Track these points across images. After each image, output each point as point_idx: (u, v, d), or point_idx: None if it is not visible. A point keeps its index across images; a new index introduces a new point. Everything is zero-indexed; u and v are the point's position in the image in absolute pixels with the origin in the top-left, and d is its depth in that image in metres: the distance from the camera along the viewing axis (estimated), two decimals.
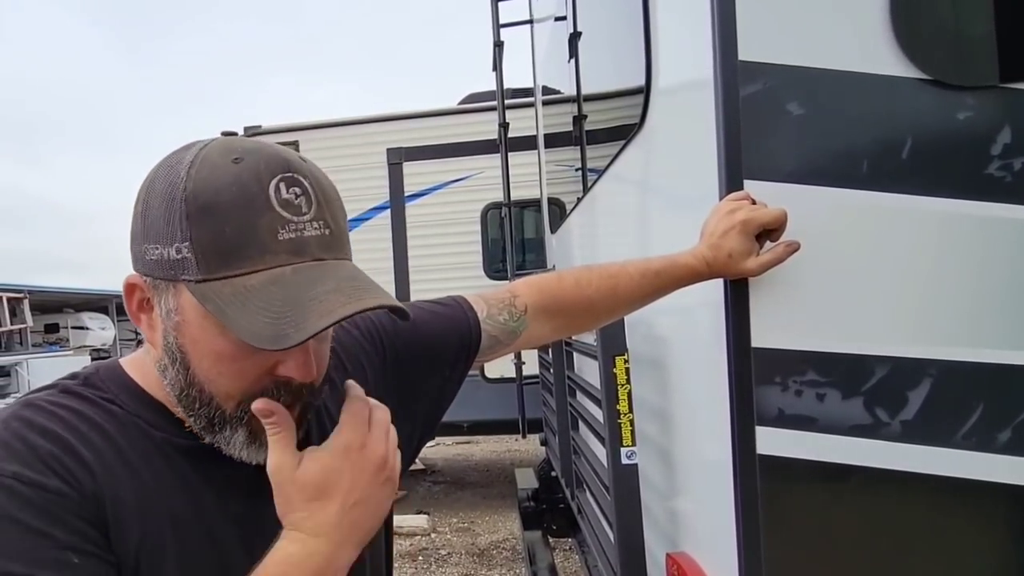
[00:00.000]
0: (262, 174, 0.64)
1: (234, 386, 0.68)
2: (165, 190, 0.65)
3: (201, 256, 0.63)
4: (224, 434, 0.70)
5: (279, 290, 0.63)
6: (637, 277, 1.06)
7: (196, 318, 0.66)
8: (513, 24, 4.26)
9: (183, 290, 0.65)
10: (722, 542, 1.09)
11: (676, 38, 1.32)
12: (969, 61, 0.98)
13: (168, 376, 0.70)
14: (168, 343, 0.68)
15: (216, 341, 0.66)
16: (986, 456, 0.98)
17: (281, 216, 0.64)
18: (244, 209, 0.63)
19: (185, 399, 0.69)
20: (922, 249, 0.99)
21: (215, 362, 0.67)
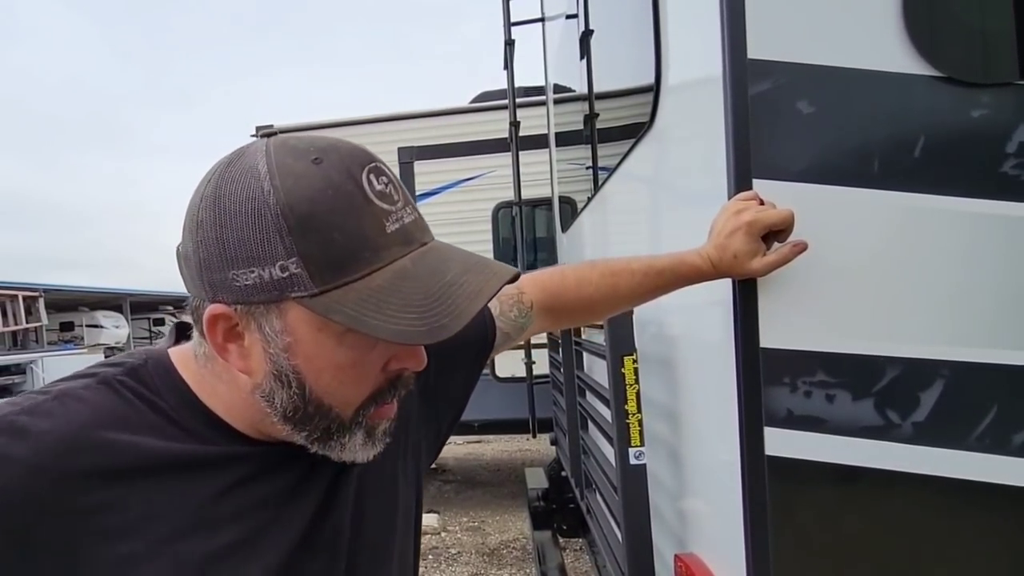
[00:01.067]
0: (351, 169, 0.62)
1: (355, 392, 0.67)
2: (246, 208, 0.60)
3: (314, 268, 0.59)
4: (341, 440, 0.68)
5: (411, 284, 0.61)
6: (639, 275, 1.05)
7: (310, 333, 0.63)
8: (524, 22, 4.26)
9: (290, 308, 0.62)
10: (731, 543, 1.09)
11: (686, 36, 1.31)
12: (984, 58, 0.96)
13: (278, 400, 0.66)
14: (279, 367, 0.65)
15: (335, 353, 0.64)
16: (1000, 458, 0.96)
17: (382, 209, 0.62)
18: (347, 212, 0.60)
19: (300, 417, 0.67)
20: (935, 249, 0.98)
21: (336, 373, 0.65)
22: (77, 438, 0.64)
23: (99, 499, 0.64)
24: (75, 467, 0.63)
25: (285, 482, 0.72)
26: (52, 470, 0.63)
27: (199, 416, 0.70)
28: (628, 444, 1.56)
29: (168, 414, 0.69)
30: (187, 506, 0.67)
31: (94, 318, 25.05)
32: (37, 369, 15.22)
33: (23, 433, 0.63)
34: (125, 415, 0.67)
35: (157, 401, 0.69)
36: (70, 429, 0.64)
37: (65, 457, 0.63)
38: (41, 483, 0.62)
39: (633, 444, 1.55)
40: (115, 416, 0.66)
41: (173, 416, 0.69)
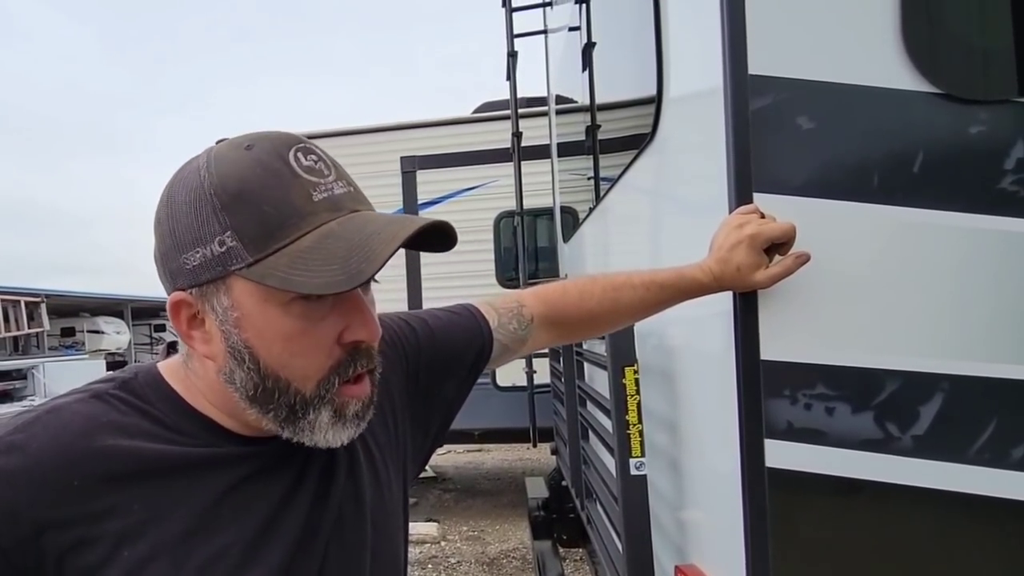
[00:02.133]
0: (279, 150, 0.66)
1: (309, 364, 0.69)
2: (188, 198, 0.66)
3: (247, 239, 0.64)
4: (308, 419, 0.69)
5: (334, 241, 0.64)
6: (641, 290, 1.06)
7: (255, 305, 0.66)
8: (527, 34, 4.28)
9: (235, 283, 0.66)
10: (731, 555, 1.09)
11: (688, 51, 1.32)
12: (982, 75, 0.98)
13: (238, 379, 0.68)
14: (232, 344, 0.67)
15: (281, 322, 0.66)
16: (999, 472, 0.97)
17: (309, 180, 0.66)
18: (274, 185, 0.65)
19: (261, 395, 0.68)
20: (934, 263, 0.99)
21: (286, 343, 0.67)
22: (75, 447, 0.65)
23: (100, 506, 0.65)
24: (75, 476, 0.64)
25: (281, 483, 0.74)
26: (52, 481, 0.64)
27: (192, 420, 0.72)
28: (629, 454, 1.56)
29: (162, 421, 0.70)
30: (188, 509, 0.68)
31: (95, 324, 25.05)
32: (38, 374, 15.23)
33: (20, 449, 0.64)
34: (120, 423, 0.68)
35: (150, 409, 0.71)
36: (67, 439, 0.65)
37: (64, 467, 0.64)
38: (43, 494, 0.63)
39: (634, 454, 1.56)
40: (110, 425, 0.68)
41: (167, 422, 0.71)
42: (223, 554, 0.68)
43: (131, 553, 0.64)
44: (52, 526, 0.63)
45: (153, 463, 0.67)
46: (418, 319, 0.99)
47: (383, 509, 0.83)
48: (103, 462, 0.66)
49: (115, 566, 0.64)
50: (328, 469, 0.78)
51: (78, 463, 0.65)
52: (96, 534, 0.64)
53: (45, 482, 0.63)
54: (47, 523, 0.63)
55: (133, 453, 0.67)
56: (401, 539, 0.89)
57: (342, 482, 0.78)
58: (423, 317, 1.00)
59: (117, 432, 0.67)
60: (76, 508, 0.64)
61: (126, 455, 0.67)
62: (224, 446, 0.72)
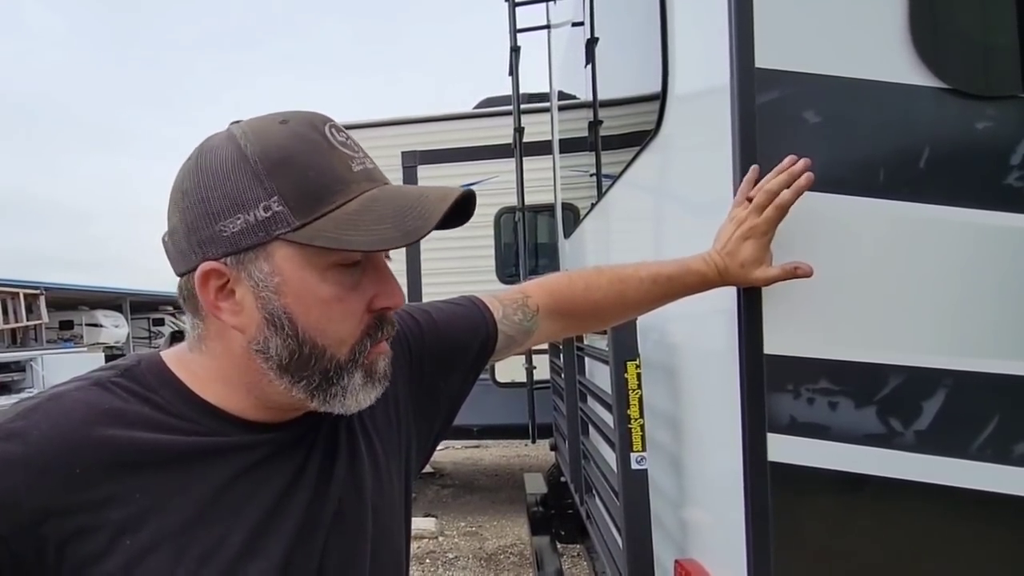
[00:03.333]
0: (314, 124, 0.68)
1: (345, 329, 0.70)
2: (224, 166, 0.66)
3: (293, 203, 0.65)
4: (341, 384, 0.71)
5: (382, 205, 0.67)
6: (647, 282, 1.06)
7: (296, 271, 0.67)
8: (530, 29, 4.27)
9: (277, 249, 0.66)
10: (732, 549, 1.09)
11: (693, 45, 1.32)
12: (989, 70, 0.98)
13: (273, 348, 0.68)
14: (271, 310, 0.68)
15: (319, 288, 0.68)
16: (1001, 468, 0.97)
17: (347, 153, 0.68)
18: (315, 154, 0.66)
19: (297, 363, 0.69)
20: (939, 259, 0.99)
21: (324, 309, 0.68)
22: (76, 435, 0.65)
23: (102, 494, 0.65)
24: (76, 464, 0.64)
25: (282, 474, 0.73)
26: (53, 468, 0.64)
27: (195, 407, 0.71)
28: (630, 449, 1.56)
29: (165, 408, 0.70)
30: (189, 498, 0.68)
31: (94, 317, 25.02)
32: (37, 367, 15.21)
33: (21, 436, 0.64)
34: (122, 411, 0.68)
35: (152, 396, 0.71)
36: (69, 427, 0.65)
37: (65, 455, 0.64)
38: (43, 482, 0.63)
39: (635, 449, 1.56)
40: (112, 412, 0.67)
41: (170, 410, 0.70)
42: (224, 544, 0.68)
43: (132, 542, 0.64)
44: (53, 514, 0.63)
45: (155, 452, 0.67)
46: (422, 311, 0.98)
47: (384, 501, 0.83)
48: (104, 451, 0.65)
49: (116, 555, 0.64)
50: (329, 461, 0.78)
51: (79, 451, 0.65)
52: (97, 523, 0.64)
53: (46, 470, 0.63)
54: (48, 511, 0.63)
55: (135, 442, 0.67)
56: (402, 532, 0.89)
57: (343, 474, 0.78)
58: (427, 309, 0.99)
59: (119, 420, 0.67)
60: (77, 496, 0.64)
61: (128, 444, 0.66)
62: (226, 434, 0.71)
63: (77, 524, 0.63)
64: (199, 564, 0.66)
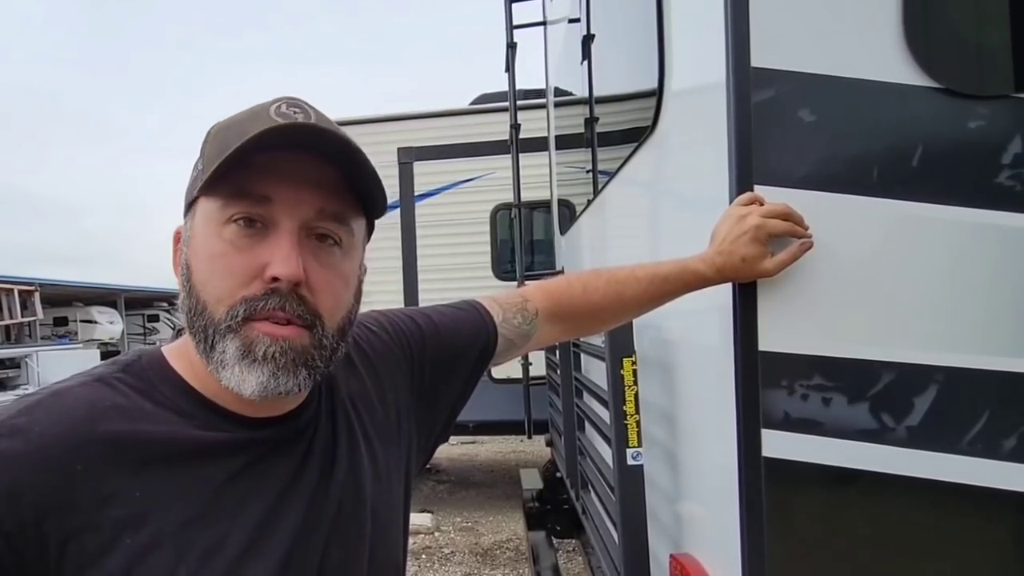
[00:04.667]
0: (269, 102, 0.70)
1: (223, 285, 0.68)
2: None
3: (208, 162, 0.68)
4: (218, 348, 0.67)
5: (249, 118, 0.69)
6: (645, 283, 1.07)
7: (201, 224, 0.70)
8: (527, 25, 4.27)
9: (198, 207, 0.70)
10: (726, 544, 1.10)
11: (690, 43, 1.33)
12: (981, 70, 0.98)
13: (182, 303, 0.72)
14: (183, 263, 0.72)
15: (212, 242, 0.69)
16: (992, 463, 0.98)
17: (273, 119, 0.67)
18: (249, 119, 0.68)
19: (191, 318, 0.70)
20: (931, 257, 1.00)
21: (209, 263, 0.69)
22: (78, 432, 0.65)
23: (103, 492, 0.65)
24: (78, 461, 0.64)
25: (281, 474, 0.74)
26: (56, 465, 0.64)
27: (194, 402, 0.72)
28: (626, 445, 1.57)
29: (166, 404, 0.71)
30: (190, 497, 0.68)
31: (88, 313, 24.94)
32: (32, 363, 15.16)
33: (23, 433, 0.64)
34: (123, 408, 0.68)
35: (153, 392, 0.71)
36: (70, 424, 0.65)
37: (67, 452, 0.64)
38: (46, 479, 0.63)
39: (631, 445, 1.57)
40: (113, 409, 0.68)
41: (171, 406, 0.71)
42: (224, 544, 0.68)
43: (133, 540, 0.64)
44: (55, 511, 0.63)
45: (155, 451, 0.67)
46: (422, 315, 0.99)
47: (383, 502, 0.84)
48: (106, 448, 0.65)
49: (117, 553, 0.64)
50: (329, 461, 0.78)
51: (81, 448, 0.65)
52: (98, 520, 0.64)
53: (48, 467, 0.63)
54: (50, 508, 0.63)
55: (136, 441, 0.67)
56: (401, 533, 0.89)
57: (342, 475, 0.79)
58: (427, 313, 1.00)
59: (120, 418, 0.67)
60: (79, 494, 0.64)
61: (129, 442, 0.67)
62: (223, 429, 0.72)
63: (79, 522, 0.63)
64: (200, 563, 0.66)
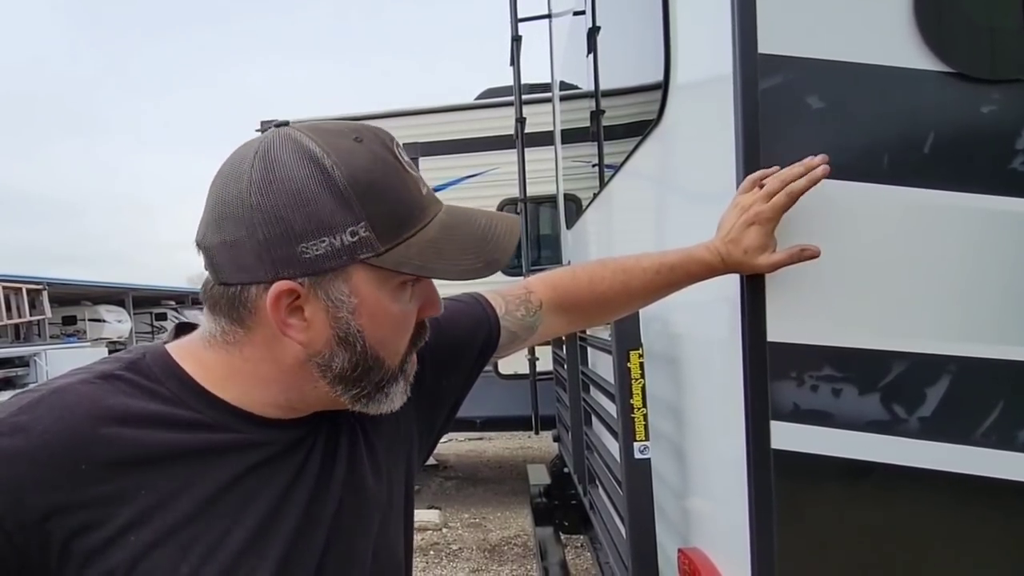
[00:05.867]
0: (388, 145, 0.70)
1: (402, 342, 0.75)
2: (308, 184, 0.64)
3: (380, 229, 0.66)
4: (387, 390, 0.74)
5: (458, 232, 0.72)
6: (651, 273, 1.06)
7: (372, 292, 0.69)
8: (531, 19, 4.25)
9: (355, 272, 0.67)
10: (735, 537, 1.09)
11: (695, 30, 1.31)
12: (995, 54, 0.96)
13: (337, 363, 0.70)
14: (345, 329, 0.69)
15: (392, 307, 0.71)
16: (1006, 454, 0.96)
17: (414, 175, 0.70)
18: (395, 178, 0.68)
19: (358, 375, 0.72)
20: (944, 245, 0.98)
21: (394, 328, 0.73)
22: (80, 431, 0.64)
23: (107, 490, 0.64)
24: (81, 459, 0.64)
25: (283, 473, 0.73)
26: (58, 464, 0.63)
27: (200, 399, 0.71)
28: (633, 438, 1.56)
29: (170, 400, 0.70)
30: (194, 496, 0.67)
31: (97, 312, 25.07)
32: (40, 362, 15.25)
33: (25, 431, 0.63)
34: (126, 406, 0.67)
35: (158, 389, 0.70)
36: (74, 422, 0.65)
37: (70, 450, 0.64)
38: (48, 478, 0.63)
39: (638, 438, 1.56)
40: (117, 407, 0.67)
41: (175, 402, 0.70)
42: (226, 541, 0.68)
43: (136, 538, 0.64)
44: (58, 510, 0.62)
45: (159, 449, 0.67)
46: None
47: (385, 501, 0.83)
48: (109, 447, 0.65)
49: (121, 551, 0.64)
50: (330, 461, 0.78)
51: (84, 447, 0.64)
52: (102, 519, 0.64)
53: (51, 466, 0.63)
54: (53, 507, 0.62)
55: (140, 439, 0.66)
56: (402, 530, 0.89)
57: (343, 474, 0.78)
58: None
59: (124, 416, 0.67)
60: (82, 492, 0.63)
61: (133, 441, 0.66)
62: (230, 427, 0.71)
63: (82, 520, 0.63)
64: (202, 561, 0.66)
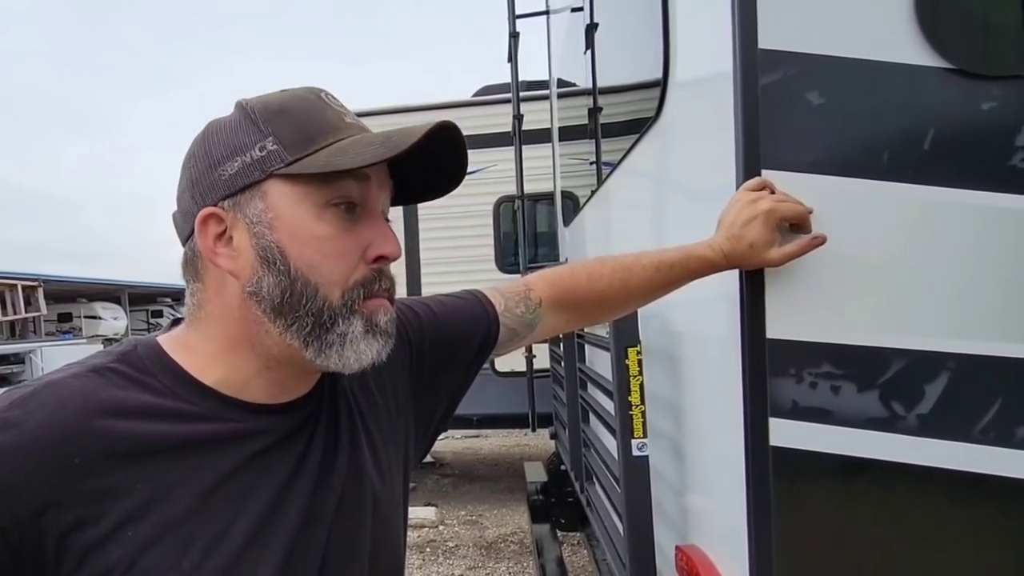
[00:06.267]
0: (311, 89, 0.73)
1: (337, 268, 0.70)
2: (228, 123, 0.71)
3: (287, 142, 0.68)
4: (338, 330, 0.70)
5: (371, 136, 0.71)
6: (651, 270, 1.05)
7: (290, 207, 0.69)
8: (529, 15, 4.25)
9: (271, 187, 0.69)
10: (733, 534, 1.09)
11: (695, 25, 1.31)
12: (995, 50, 0.96)
13: (265, 287, 0.69)
14: (263, 246, 0.69)
15: (314, 224, 0.69)
16: (1005, 451, 0.96)
17: (340, 111, 0.73)
18: (311, 107, 0.71)
19: (289, 302, 0.69)
20: (943, 241, 0.98)
21: (318, 245, 0.69)
22: (74, 425, 0.64)
23: (102, 485, 0.64)
24: (74, 454, 0.63)
25: (284, 464, 0.73)
26: (52, 459, 0.62)
27: (194, 390, 0.71)
28: (631, 436, 1.56)
29: (164, 393, 0.69)
30: (191, 489, 0.67)
31: (92, 309, 25.03)
32: (36, 359, 15.21)
33: (17, 426, 0.63)
34: (120, 399, 0.67)
35: (150, 381, 0.70)
36: (66, 417, 0.64)
37: (63, 445, 0.63)
38: (42, 473, 0.62)
39: (636, 436, 1.56)
40: (109, 401, 0.66)
41: (168, 394, 0.69)
42: (228, 535, 0.67)
43: (135, 533, 0.64)
44: (52, 505, 0.62)
45: (154, 442, 0.66)
46: (422, 305, 0.98)
47: (384, 493, 0.83)
48: (103, 441, 0.64)
49: (119, 546, 0.63)
50: (331, 452, 0.77)
51: (77, 441, 0.63)
52: (98, 513, 0.63)
53: (44, 461, 0.62)
54: (47, 502, 0.62)
55: (134, 432, 0.66)
56: (400, 523, 0.89)
57: (344, 465, 0.78)
58: (427, 303, 0.99)
59: (117, 409, 0.66)
60: (77, 487, 0.63)
61: (127, 434, 0.65)
62: (226, 417, 0.71)
63: (77, 515, 0.62)
64: (203, 555, 0.65)
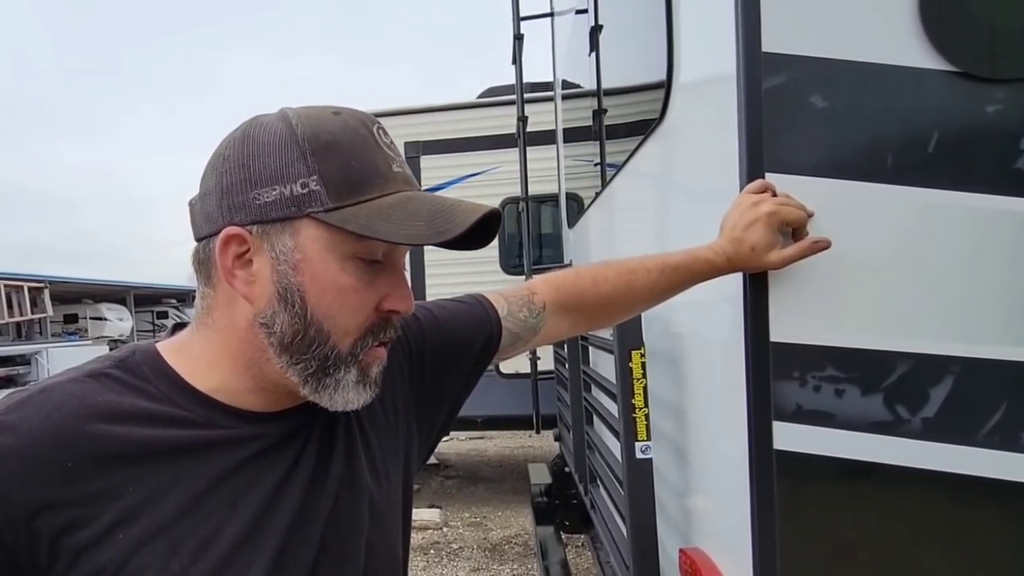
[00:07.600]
0: (364, 121, 0.71)
1: (352, 321, 0.71)
2: (273, 139, 0.67)
3: (331, 186, 0.66)
4: (335, 376, 0.71)
5: (416, 204, 0.69)
6: (655, 273, 1.05)
7: (318, 253, 0.68)
8: (534, 17, 4.25)
9: (305, 227, 0.67)
10: (737, 538, 1.09)
11: (699, 29, 1.31)
12: (1000, 53, 0.96)
13: (279, 323, 0.69)
14: (284, 285, 0.68)
15: (338, 274, 0.69)
16: (1009, 455, 0.96)
17: (389, 155, 0.71)
18: (361, 147, 0.69)
19: (298, 344, 0.69)
20: (947, 245, 0.98)
21: (337, 296, 0.69)
22: (68, 429, 0.65)
23: (95, 488, 0.64)
24: (68, 457, 0.64)
25: (276, 468, 0.73)
26: (46, 462, 0.63)
27: (190, 397, 0.71)
28: (635, 438, 1.56)
29: (159, 399, 0.70)
30: (182, 492, 0.67)
31: (98, 310, 25.10)
32: (42, 360, 15.27)
33: (12, 429, 0.64)
34: (115, 404, 0.67)
35: (146, 387, 0.70)
36: (60, 420, 0.65)
37: (57, 448, 0.64)
38: (36, 475, 0.63)
39: (640, 438, 1.56)
40: (104, 405, 0.67)
41: (164, 400, 0.70)
42: (217, 538, 0.67)
43: (126, 535, 0.64)
44: (46, 508, 0.63)
45: (148, 446, 0.67)
46: (423, 309, 0.98)
47: (381, 497, 0.83)
48: (97, 444, 0.65)
49: (110, 548, 0.64)
50: (325, 457, 0.78)
51: (71, 445, 0.64)
52: (90, 516, 0.64)
53: (38, 463, 0.63)
54: (41, 505, 0.63)
55: (128, 436, 0.66)
56: (400, 528, 0.88)
57: (339, 470, 0.78)
58: (429, 307, 0.99)
59: (112, 413, 0.67)
60: (70, 490, 0.63)
61: (121, 438, 0.66)
62: (220, 424, 0.71)
63: (70, 518, 0.63)
64: (193, 558, 0.66)
